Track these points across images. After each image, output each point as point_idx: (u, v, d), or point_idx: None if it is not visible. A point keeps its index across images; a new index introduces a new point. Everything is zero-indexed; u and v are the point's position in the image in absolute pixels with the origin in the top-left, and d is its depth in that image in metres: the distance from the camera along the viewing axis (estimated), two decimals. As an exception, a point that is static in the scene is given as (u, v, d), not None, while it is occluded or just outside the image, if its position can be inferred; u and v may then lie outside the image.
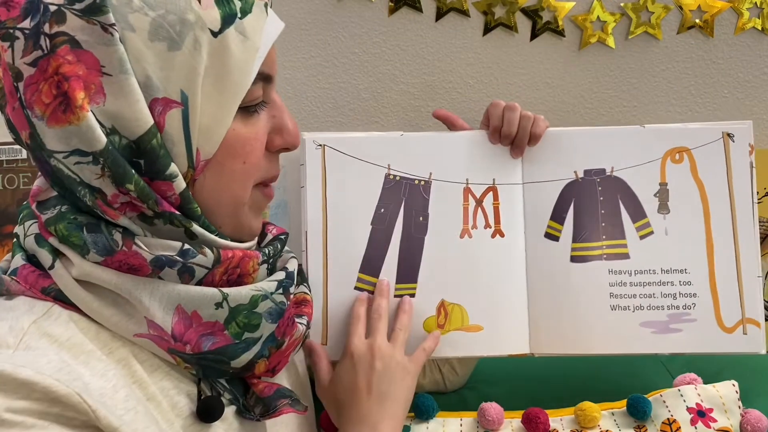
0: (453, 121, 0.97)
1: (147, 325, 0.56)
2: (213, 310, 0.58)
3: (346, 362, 0.81)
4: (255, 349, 0.62)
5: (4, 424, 0.48)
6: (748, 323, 0.89)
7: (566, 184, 0.92)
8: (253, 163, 0.61)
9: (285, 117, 0.64)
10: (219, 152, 0.58)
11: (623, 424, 0.88)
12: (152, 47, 0.53)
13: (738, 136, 0.90)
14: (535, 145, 0.91)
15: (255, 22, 0.58)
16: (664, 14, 1.51)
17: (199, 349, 0.58)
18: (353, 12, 1.44)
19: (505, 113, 0.90)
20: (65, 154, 0.53)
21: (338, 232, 0.89)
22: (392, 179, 0.91)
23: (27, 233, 0.59)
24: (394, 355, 0.81)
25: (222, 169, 0.59)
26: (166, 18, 0.53)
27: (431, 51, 1.47)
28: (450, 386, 1.04)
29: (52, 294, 0.56)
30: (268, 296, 0.62)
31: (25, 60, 0.52)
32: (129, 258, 0.55)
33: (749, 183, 0.89)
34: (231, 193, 0.61)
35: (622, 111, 1.50)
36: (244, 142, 0.60)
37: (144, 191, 0.55)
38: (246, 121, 0.60)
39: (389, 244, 0.91)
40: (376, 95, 1.47)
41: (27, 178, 1.45)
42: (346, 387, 0.79)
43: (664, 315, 0.90)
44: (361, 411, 0.76)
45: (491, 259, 0.92)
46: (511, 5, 1.48)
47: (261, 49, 0.58)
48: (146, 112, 0.53)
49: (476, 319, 0.91)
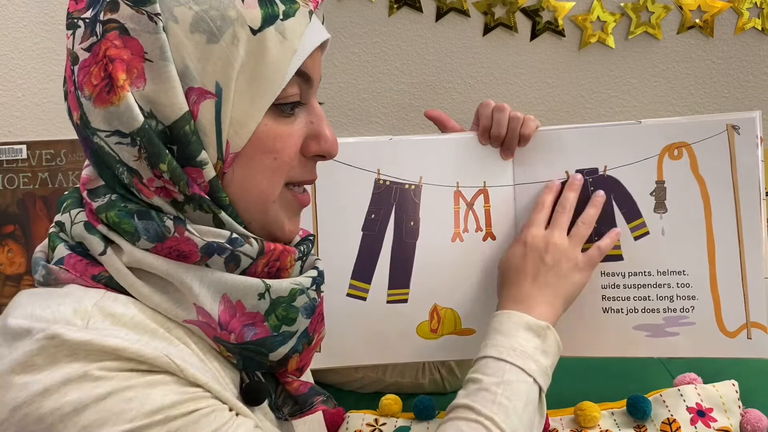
0: (444, 122, 0.95)
1: (196, 311, 0.57)
2: (256, 301, 0.59)
3: (519, 247, 0.83)
4: (291, 343, 0.62)
5: (99, 379, 0.49)
6: (754, 327, 0.84)
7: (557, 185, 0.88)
8: (283, 161, 0.61)
9: (323, 125, 0.64)
10: (248, 147, 0.59)
11: (623, 423, 0.87)
12: (192, 38, 0.55)
13: (744, 129, 0.84)
14: (525, 146, 0.89)
15: (296, 25, 0.59)
16: (664, 14, 1.51)
17: (242, 339, 0.59)
18: (353, 12, 1.44)
19: (494, 114, 0.89)
20: (107, 133, 0.56)
21: (329, 238, 0.88)
22: (382, 184, 0.89)
23: (74, 221, 0.60)
24: (567, 251, 0.82)
25: (250, 164, 0.60)
26: (209, 13, 0.56)
27: (431, 51, 1.47)
28: (450, 387, 1.04)
29: (103, 281, 0.57)
30: (305, 291, 0.63)
31: (82, 46, 0.56)
32: (180, 244, 0.57)
33: (757, 178, 0.83)
34: (259, 188, 0.61)
35: (622, 111, 1.51)
36: (275, 138, 0.60)
37: (176, 172, 0.56)
38: (279, 119, 0.60)
39: (381, 250, 0.89)
40: (376, 95, 1.47)
41: (27, 178, 1.45)
42: (514, 268, 0.82)
43: (660, 318, 0.86)
44: (521, 292, 0.80)
45: (483, 263, 0.89)
46: (511, 5, 1.48)
47: (299, 51, 0.60)
48: (182, 99, 0.55)
49: (469, 322, 0.89)
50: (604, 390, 0.93)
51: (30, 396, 0.48)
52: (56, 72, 1.48)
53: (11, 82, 1.47)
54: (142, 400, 0.50)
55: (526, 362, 0.73)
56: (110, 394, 0.49)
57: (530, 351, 0.75)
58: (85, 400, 0.48)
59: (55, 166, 1.45)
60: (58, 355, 0.50)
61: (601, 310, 0.88)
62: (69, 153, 1.46)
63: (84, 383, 0.49)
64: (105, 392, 0.49)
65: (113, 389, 0.49)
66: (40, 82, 1.48)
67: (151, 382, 0.51)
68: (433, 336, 0.90)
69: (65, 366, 0.49)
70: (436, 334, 0.90)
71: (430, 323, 0.90)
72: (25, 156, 1.43)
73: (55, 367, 0.49)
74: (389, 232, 0.90)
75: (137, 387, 0.51)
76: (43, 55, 1.47)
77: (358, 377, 1.00)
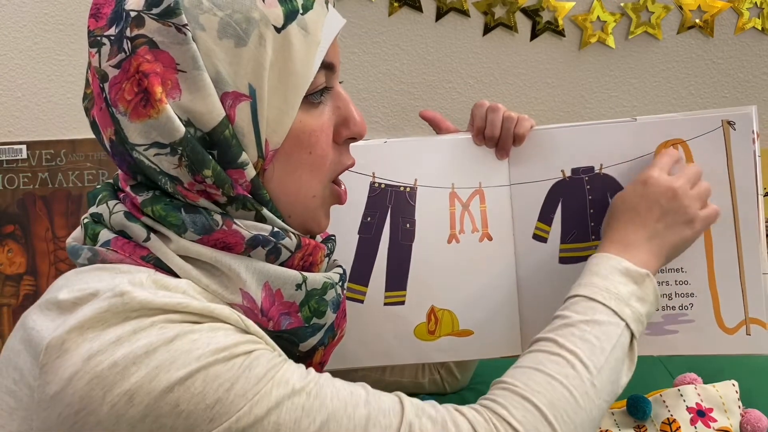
0: (439, 123, 0.94)
1: (242, 296, 0.59)
2: (293, 291, 0.62)
3: (638, 186, 0.78)
4: (319, 335, 0.65)
5: (166, 326, 0.52)
6: (752, 323, 0.83)
7: (553, 184, 0.88)
8: (319, 154, 0.63)
9: (350, 108, 0.65)
10: (286, 143, 0.61)
11: (623, 423, 0.87)
12: (221, 44, 0.57)
13: (740, 124, 0.82)
14: (520, 146, 0.88)
15: (316, 17, 0.61)
16: (664, 14, 1.51)
17: (279, 327, 0.61)
18: (353, 12, 1.44)
19: (488, 114, 0.88)
20: (145, 146, 0.57)
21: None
22: (377, 187, 0.89)
23: (113, 211, 0.62)
24: (688, 204, 0.76)
25: (289, 159, 0.62)
26: (233, 17, 0.57)
27: (431, 51, 1.47)
28: (449, 388, 1.03)
29: (152, 262, 0.59)
30: (334, 285, 0.66)
31: (110, 63, 0.57)
32: (227, 236, 0.59)
33: (753, 174, 0.82)
34: (299, 183, 0.63)
35: (622, 111, 1.51)
36: (310, 133, 0.62)
37: (220, 176, 0.58)
38: (311, 112, 0.62)
39: (377, 253, 0.89)
40: (376, 95, 1.47)
41: (27, 178, 1.45)
42: (627, 207, 0.77)
43: (659, 316, 0.85)
44: (627, 236, 0.75)
45: (480, 264, 0.89)
46: (511, 5, 1.48)
47: (322, 42, 0.61)
48: (218, 105, 0.57)
49: (466, 323, 0.89)
50: (603, 390, 0.93)
51: (103, 345, 0.51)
52: (56, 72, 1.48)
53: (11, 82, 1.47)
54: (207, 340, 0.53)
55: (620, 305, 0.69)
56: (178, 336, 0.52)
57: (625, 295, 0.70)
58: (155, 342, 0.51)
59: (55, 166, 1.45)
60: (127, 311, 0.52)
61: None
62: (69, 153, 1.46)
63: (152, 329, 0.52)
64: (173, 335, 0.52)
65: (180, 332, 0.53)
66: (40, 82, 1.48)
67: (213, 327, 0.55)
68: (430, 337, 0.89)
69: (134, 321, 0.52)
70: (433, 336, 0.89)
71: (428, 325, 0.90)
72: (25, 156, 1.43)
73: (124, 322, 0.52)
74: (385, 234, 0.89)
75: (201, 330, 0.54)
76: (43, 55, 1.47)
77: (358, 376, 1.00)
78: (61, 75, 1.48)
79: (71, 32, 1.47)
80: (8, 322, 1.45)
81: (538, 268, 0.89)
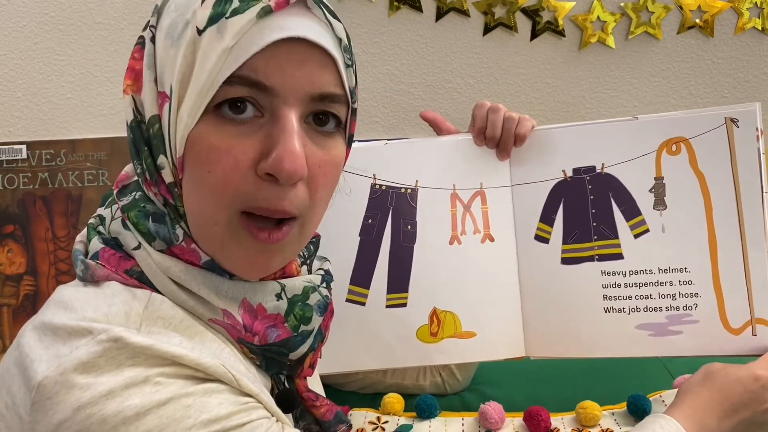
0: (439, 124, 0.95)
1: (222, 313, 0.59)
2: (275, 302, 0.61)
3: (750, 382, 0.74)
4: (308, 341, 0.64)
5: (159, 384, 0.51)
6: (758, 323, 0.82)
7: (555, 185, 0.88)
8: (219, 176, 0.55)
9: (282, 140, 0.54)
10: (186, 154, 0.56)
11: (624, 423, 0.87)
12: (163, 45, 0.58)
13: (743, 121, 0.81)
14: (521, 146, 0.88)
15: (241, 22, 0.54)
16: (664, 14, 1.51)
17: (266, 340, 0.60)
18: (353, 12, 1.44)
19: (489, 115, 0.88)
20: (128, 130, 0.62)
21: (327, 245, 0.84)
22: (378, 189, 0.89)
23: (114, 216, 0.62)
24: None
25: (192, 174, 0.57)
26: (177, 18, 0.57)
27: (431, 51, 1.47)
28: (450, 390, 1.03)
29: (135, 276, 0.58)
30: (317, 288, 0.65)
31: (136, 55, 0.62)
32: (184, 254, 0.58)
33: (758, 171, 0.81)
34: (200, 204, 0.57)
35: (622, 111, 1.51)
36: (209, 149, 0.55)
37: (150, 168, 0.58)
38: (221, 127, 0.55)
39: (378, 255, 0.89)
40: (376, 95, 1.47)
41: (27, 178, 1.45)
42: (728, 392, 0.74)
43: (663, 316, 0.84)
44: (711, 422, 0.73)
45: (482, 265, 0.89)
46: (511, 5, 1.48)
47: (238, 50, 0.54)
48: (155, 104, 0.58)
49: (469, 325, 0.89)
50: (604, 391, 0.93)
51: (94, 397, 0.49)
52: (56, 72, 1.48)
53: (11, 82, 1.47)
54: (200, 407, 0.52)
55: None
56: (170, 400, 0.51)
57: None
58: (147, 404, 0.50)
59: (55, 166, 1.45)
60: (121, 358, 0.51)
61: (602, 310, 0.87)
62: (69, 153, 1.46)
63: (145, 387, 0.50)
64: (165, 398, 0.51)
65: (173, 395, 0.51)
66: (40, 82, 1.48)
67: (207, 389, 0.53)
68: (433, 339, 0.89)
69: (127, 369, 0.51)
70: (436, 338, 0.89)
71: (430, 327, 0.89)
72: (25, 156, 1.43)
73: (117, 370, 0.50)
74: (387, 236, 0.89)
75: (195, 394, 0.52)
76: (43, 55, 1.47)
77: (359, 377, 1.00)
78: (61, 75, 1.48)
79: (71, 32, 1.46)
80: (8, 322, 1.45)
81: (541, 269, 0.89)
